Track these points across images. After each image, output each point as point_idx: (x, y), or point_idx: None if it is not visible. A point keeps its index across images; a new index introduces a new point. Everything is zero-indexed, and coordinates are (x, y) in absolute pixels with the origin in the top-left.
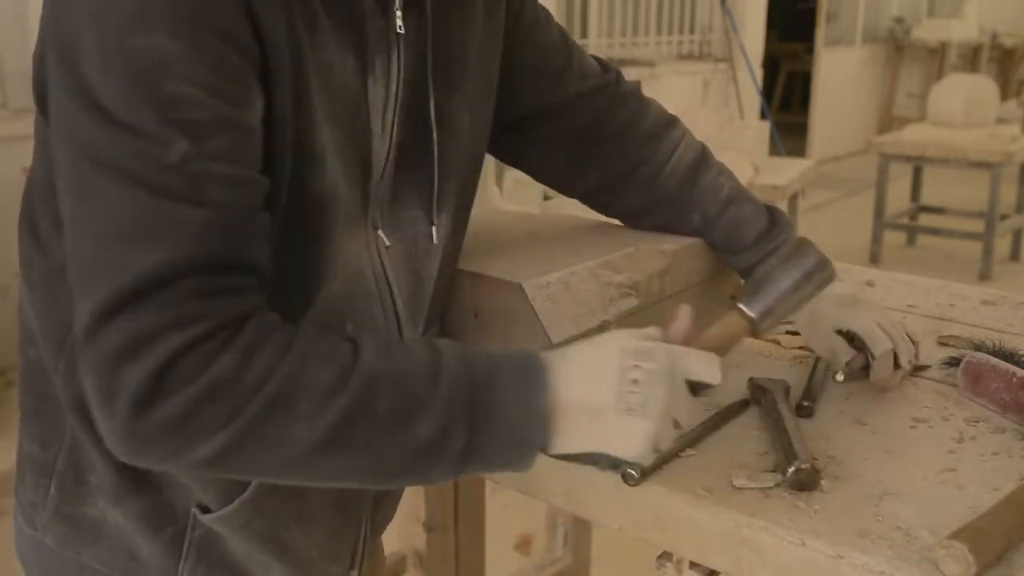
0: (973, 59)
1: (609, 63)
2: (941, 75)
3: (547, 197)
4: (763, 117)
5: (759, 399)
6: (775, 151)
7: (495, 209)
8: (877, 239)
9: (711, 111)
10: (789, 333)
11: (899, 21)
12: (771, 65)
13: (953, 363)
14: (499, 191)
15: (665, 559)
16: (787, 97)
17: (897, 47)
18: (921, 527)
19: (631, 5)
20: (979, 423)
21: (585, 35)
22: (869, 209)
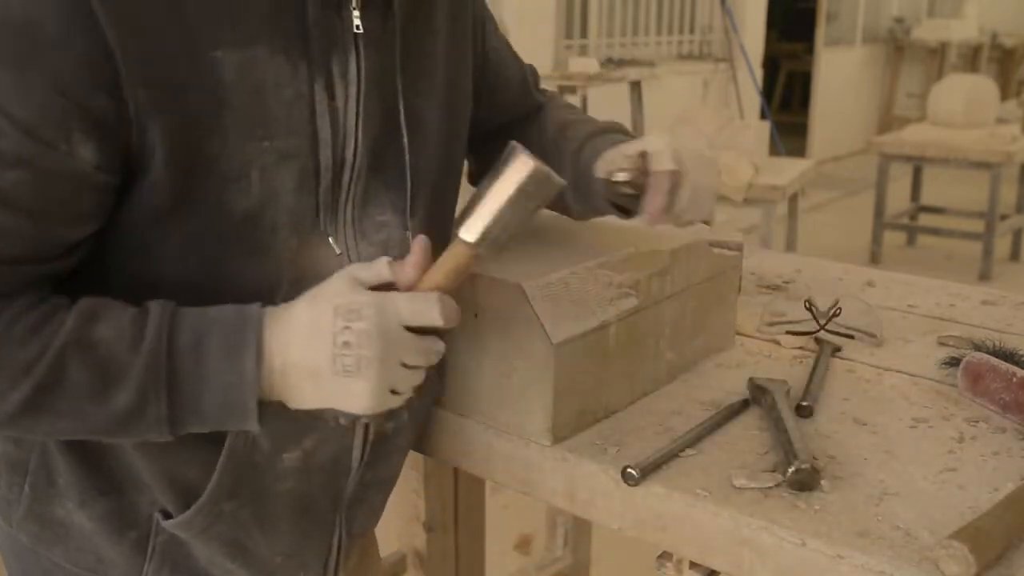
0: (973, 59)
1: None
2: (941, 75)
3: None
4: (763, 117)
5: (759, 399)
6: (775, 151)
7: None
8: (877, 239)
9: (711, 111)
10: (789, 333)
11: (899, 21)
12: (771, 65)
13: (953, 363)
14: None
15: (665, 559)
16: (787, 97)
17: (897, 47)
18: (921, 527)
19: (631, 5)
20: (979, 423)
21: (585, 35)
22: (869, 209)
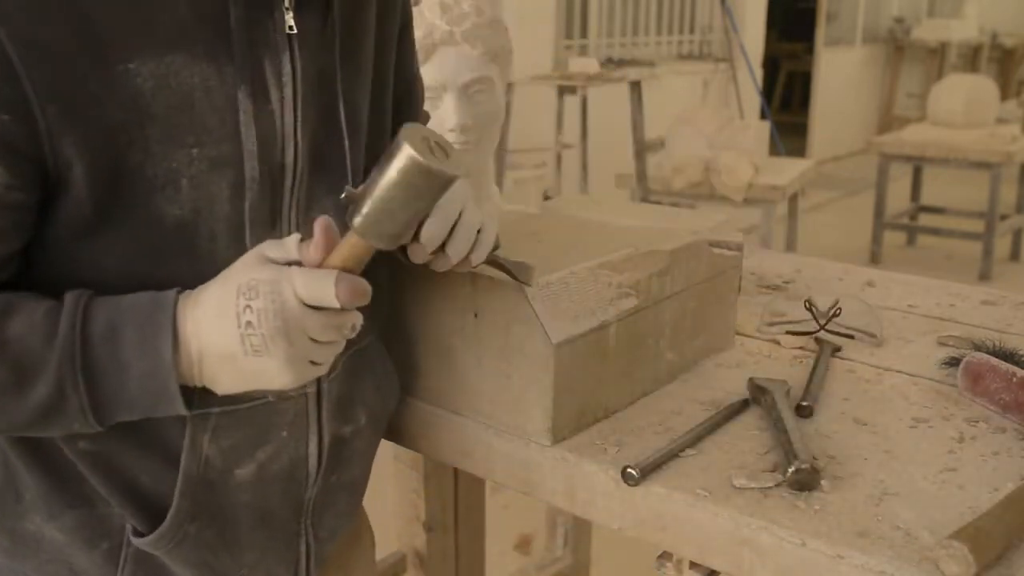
0: (973, 59)
1: None
2: (941, 75)
3: (547, 197)
4: (763, 117)
5: (759, 399)
6: (775, 151)
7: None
8: (877, 239)
9: (711, 111)
10: (789, 333)
11: (899, 21)
12: (771, 65)
13: (953, 363)
14: (499, 191)
15: (665, 559)
16: (787, 97)
17: (897, 47)
18: (921, 527)
19: (631, 5)
20: (979, 423)
21: (585, 35)
22: (869, 209)
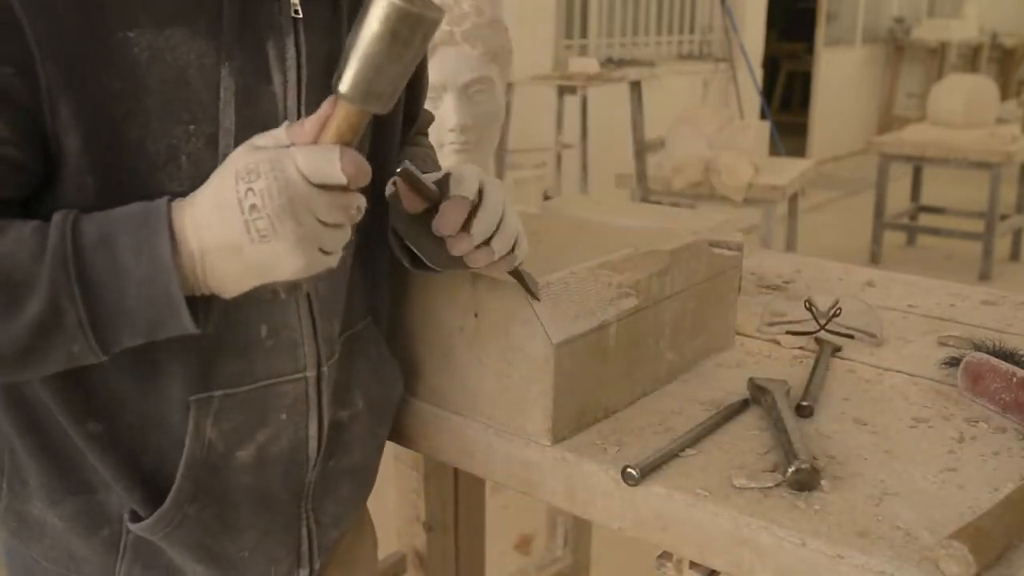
0: (973, 59)
1: None
2: (941, 75)
3: (547, 197)
4: (763, 117)
5: (759, 399)
6: (775, 151)
7: None
8: (877, 239)
9: (711, 111)
10: (789, 333)
11: (899, 21)
12: (771, 65)
13: (953, 363)
14: None
15: (665, 559)
16: (787, 97)
17: (897, 47)
18: (921, 527)
19: (631, 5)
20: (979, 423)
21: (585, 35)
22: (869, 209)
